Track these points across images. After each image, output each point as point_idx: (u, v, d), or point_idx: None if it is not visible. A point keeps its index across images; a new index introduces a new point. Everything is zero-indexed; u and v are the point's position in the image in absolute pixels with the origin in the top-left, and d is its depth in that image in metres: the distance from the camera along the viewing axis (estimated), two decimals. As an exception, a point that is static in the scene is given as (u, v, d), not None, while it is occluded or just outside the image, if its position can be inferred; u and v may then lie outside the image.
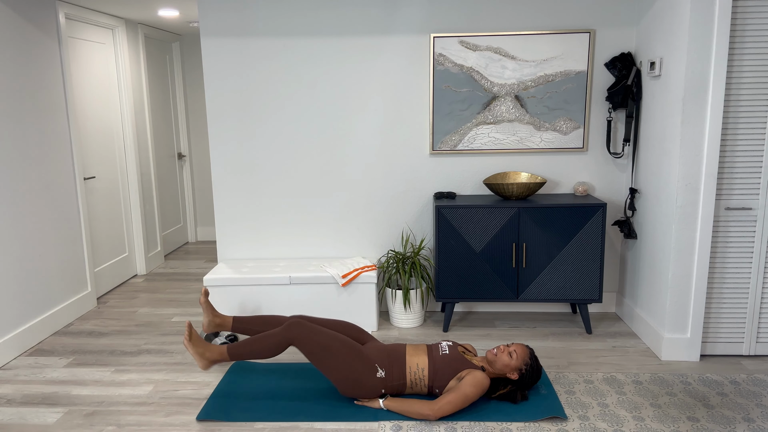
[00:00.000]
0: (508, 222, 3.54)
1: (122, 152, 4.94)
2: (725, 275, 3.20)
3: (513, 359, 2.77)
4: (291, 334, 2.76)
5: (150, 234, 5.32)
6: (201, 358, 2.83)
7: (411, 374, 2.79)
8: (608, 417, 2.69)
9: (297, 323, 2.79)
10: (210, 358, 2.83)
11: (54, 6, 3.91)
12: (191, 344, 2.83)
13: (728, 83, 3.02)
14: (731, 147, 3.07)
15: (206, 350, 2.84)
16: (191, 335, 2.84)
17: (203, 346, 2.84)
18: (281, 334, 2.77)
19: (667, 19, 3.21)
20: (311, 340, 2.75)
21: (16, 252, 3.49)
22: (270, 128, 3.91)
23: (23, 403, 2.92)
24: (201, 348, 2.83)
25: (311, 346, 2.74)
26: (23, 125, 3.57)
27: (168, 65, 5.82)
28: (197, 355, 2.83)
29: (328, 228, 4.03)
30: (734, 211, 3.14)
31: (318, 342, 2.75)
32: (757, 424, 2.61)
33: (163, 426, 2.69)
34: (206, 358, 2.83)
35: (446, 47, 3.72)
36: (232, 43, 3.80)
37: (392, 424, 2.65)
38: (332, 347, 2.74)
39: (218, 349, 2.83)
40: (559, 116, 3.78)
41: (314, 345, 2.75)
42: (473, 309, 4.10)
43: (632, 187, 3.67)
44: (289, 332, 2.76)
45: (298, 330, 2.76)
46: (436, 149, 3.85)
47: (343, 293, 3.69)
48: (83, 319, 4.07)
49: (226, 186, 3.99)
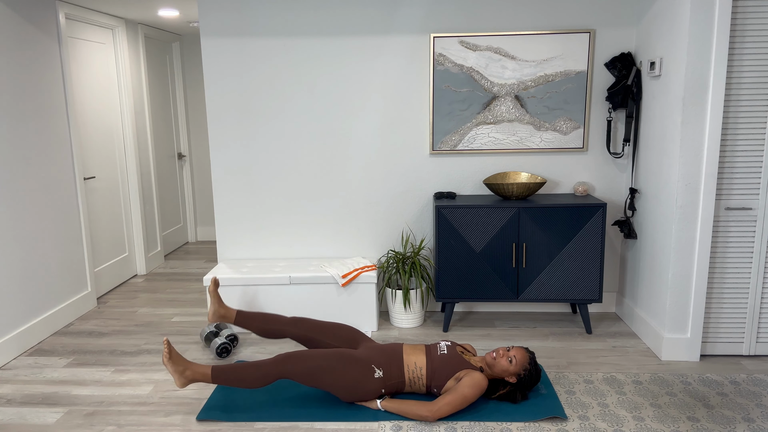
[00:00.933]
0: (508, 222, 3.54)
1: (122, 152, 4.94)
2: (725, 275, 3.20)
3: (512, 365, 2.77)
4: (282, 369, 2.70)
5: (150, 234, 5.32)
6: (180, 377, 2.69)
7: (409, 372, 2.79)
8: (608, 417, 2.69)
9: (286, 357, 2.73)
10: (190, 377, 2.70)
11: (54, 6, 3.91)
12: (170, 362, 2.68)
13: (728, 83, 3.02)
14: (731, 147, 3.07)
15: (187, 368, 2.70)
16: (171, 353, 2.69)
17: (183, 365, 2.69)
18: (272, 368, 2.70)
19: (667, 19, 3.21)
20: (303, 370, 2.70)
21: (16, 252, 3.49)
22: (270, 128, 3.91)
23: (23, 403, 2.92)
24: (181, 366, 2.69)
25: (304, 375, 2.70)
26: (23, 125, 3.57)
27: (168, 65, 5.82)
28: (176, 373, 2.68)
29: (328, 228, 4.03)
30: (734, 211, 3.14)
31: (309, 368, 2.70)
32: (757, 424, 2.61)
33: (163, 426, 2.69)
34: (186, 377, 2.69)
35: (446, 47, 3.72)
36: (232, 43, 3.80)
37: (392, 424, 2.65)
38: (324, 367, 2.70)
39: (202, 369, 2.70)
40: (559, 116, 3.78)
41: (306, 373, 2.70)
42: (473, 309, 4.10)
43: (632, 187, 3.67)
44: (279, 367, 2.70)
45: (288, 364, 2.70)
46: (436, 149, 3.85)
47: (343, 293, 3.69)
48: (83, 319, 4.07)
49: (226, 186, 3.99)
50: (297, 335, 3.05)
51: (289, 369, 2.70)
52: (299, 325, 3.05)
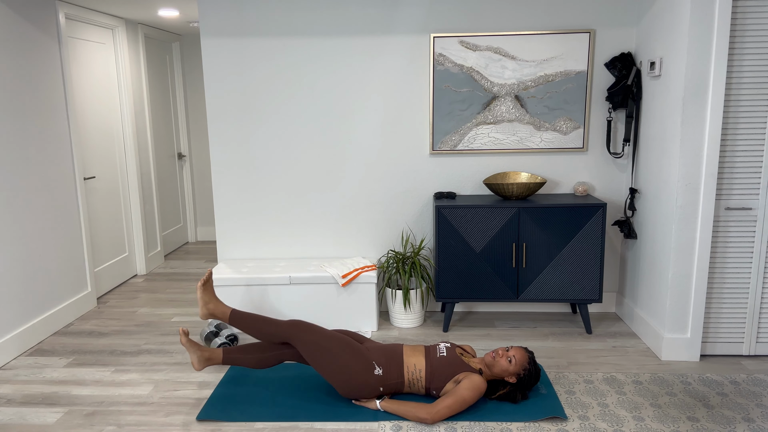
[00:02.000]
0: (508, 222, 3.54)
1: (122, 152, 4.94)
2: (725, 275, 3.20)
3: (511, 365, 2.77)
4: (292, 332, 2.83)
5: (150, 234, 5.32)
6: (204, 306, 2.99)
7: (408, 373, 2.79)
8: (608, 417, 2.69)
9: (299, 323, 2.88)
10: (212, 310, 2.99)
11: (54, 6, 3.91)
12: (202, 289, 3.00)
13: (728, 83, 3.02)
14: (731, 147, 3.07)
15: (212, 302, 3.01)
16: (207, 283, 3.01)
17: (212, 298, 3.02)
18: (284, 328, 2.85)
19: (667, 19, 3.21)
20: (310, 341, 2.79)
21: (16, 252, 3.49)
22: (270, 128, 3.91)
23: (23, 403, 2.92)
24: (208, 297, 3.01)
25: (309, 346, 2.77)
26: (23, 125, 3.57)
27: (168, 65, 5.82)
28: (202, 301, 3.00)
29: (328, 228, 4.03)
30: (734, 211, 3.14)
31: (316, 341, 2.78)
32: (757, 424, 2.61)
33: (163, 426, 2.69)
34: (208, 309, 2.99)
35: (446, 47, 3.72)
36: (232, 43, 3.80)
37: (392, 424, 2.65)
38: (329, 346, 2.77)
39: (223, 308, 2.99)
40: (559, 116, 3.78)
41: (312, 346, 2.77)
42: (473, 309, 4.10)
43: (632, 187, 3.67)
44: (291, 330, 2.84)
45: (299, 331, 2.84)
46: (436, 149, 3.85)
47: (343, 293, 3.69)
48: (83, 319, 4.07)
49: (226, 186, 3.99)
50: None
51: (298, 335, 2.82)
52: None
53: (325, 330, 2.86)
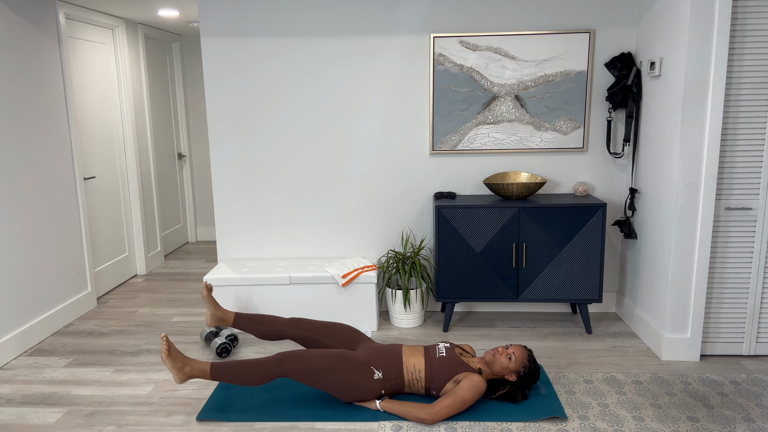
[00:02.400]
0: (508, 222, 3.54)
1: (122, 152, 4.94)
2: (725, 275, 3.20)
3: (511, 362, 2.77)
4: (281, 367, 2.70)
5: (150, 234, 5.32)
6: (179, 373, 2.68)
7: (408, 374, 2.79)
8: (608, 417, 2.69)
9: (286, 356, 2.73)
10: (189, 373, 2.69)
11: (54, 6, 3.91)
12: (169, 358, 2.67)
13: (728, 83, 3.02)
14: (731, 147, 3.07)
15: (186, 365, 2.69)
16: (170, 349, 2.68)
17: (182, 361, 2.69)
18: (271, 366, 2.70)
19: (667, 19, 3.21)
20: (302, 369, 2.70)
21: (16, 252, 3.49)
22: (270, 128, 3.91)
23: (23, 403, 2.92)
24: (180, 362, 2.69)
25: (303, 374, 2.70)
26: (23, 125, 3.57)
27: (168, 65, 5.82)
28: (175, 369, 2.68)
29: (328, 228, 4.03)
30: (734, 211, 3.14)
31: (308, 367, 2.70)
32: (757, 424, 2.61)
33: (163, 426, 2.69)
34: (185, 373, 2.69)
35: (446, 47, 3.72)
36: (232, 43, 3.80)
37: (392, 424, 2.65)
38: (323, 367, 2.70)
39: (200, 366, 2.70)
40: (559, 116, 3.78)
41: (305, 373, 2.70)
42: (473, 309, 4.10)
43: (632, 187, 3.67)
44: (280, 366, 2.70)
45: (288, 363, 2.71)
46: (436, 149, 3.85)
47: (343, 293, 3.69)
48: (83, 319, 4.07)
49: (226, 186, 3.99)
50: (296, 336, 3.05)
51: (288, 367, 2.70)
52: (298, 326, 3.06)
53: (312, 352, 2.76)
